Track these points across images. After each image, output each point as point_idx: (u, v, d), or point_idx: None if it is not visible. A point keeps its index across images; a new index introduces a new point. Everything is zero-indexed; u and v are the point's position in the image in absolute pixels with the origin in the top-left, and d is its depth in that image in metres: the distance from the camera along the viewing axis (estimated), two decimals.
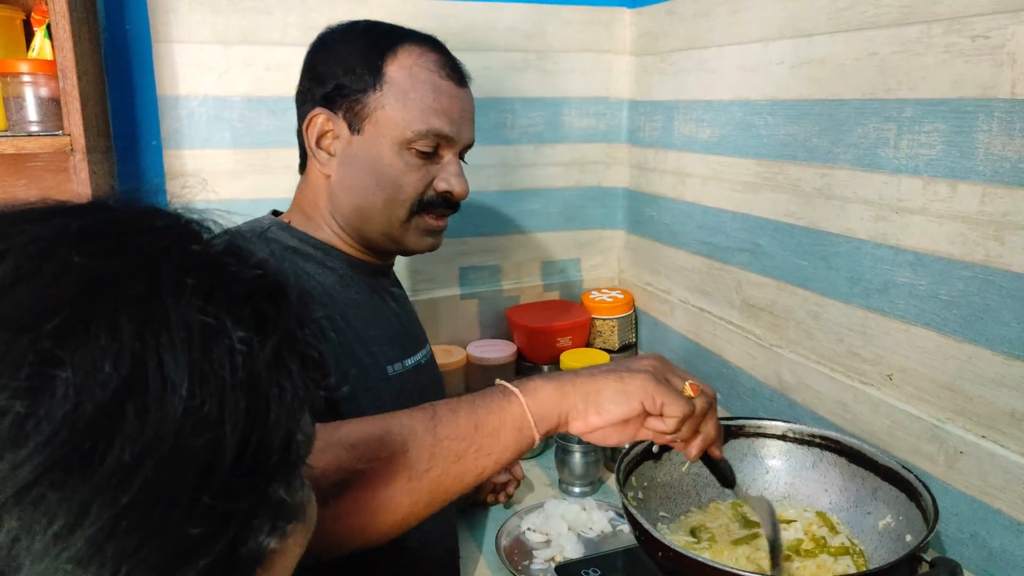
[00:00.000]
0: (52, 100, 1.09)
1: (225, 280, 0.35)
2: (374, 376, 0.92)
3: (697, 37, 1.39)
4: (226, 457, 0.32)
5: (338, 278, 0.93)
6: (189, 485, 0.31)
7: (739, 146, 1.29)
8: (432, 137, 0.92)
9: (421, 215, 0.95)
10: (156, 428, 0.30)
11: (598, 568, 1.00)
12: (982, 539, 0.88)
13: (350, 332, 0.91)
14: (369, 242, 0.97)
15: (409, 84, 0.91)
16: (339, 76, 0.92)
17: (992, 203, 0.85)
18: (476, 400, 0.68)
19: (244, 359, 0.33)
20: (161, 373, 0.31)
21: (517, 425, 0.67)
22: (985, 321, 0.87)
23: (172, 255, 0.34)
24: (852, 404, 1.06)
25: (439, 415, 0.66)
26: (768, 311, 1.24)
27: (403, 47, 0.93)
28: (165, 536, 0.30)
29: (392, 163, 0.92)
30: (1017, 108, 0.81)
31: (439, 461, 0.65)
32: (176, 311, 0.32)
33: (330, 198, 0.95)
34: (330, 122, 0.93)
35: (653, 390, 0.68)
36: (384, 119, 0.91)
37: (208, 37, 1.33)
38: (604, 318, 1.62)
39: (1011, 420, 0.85)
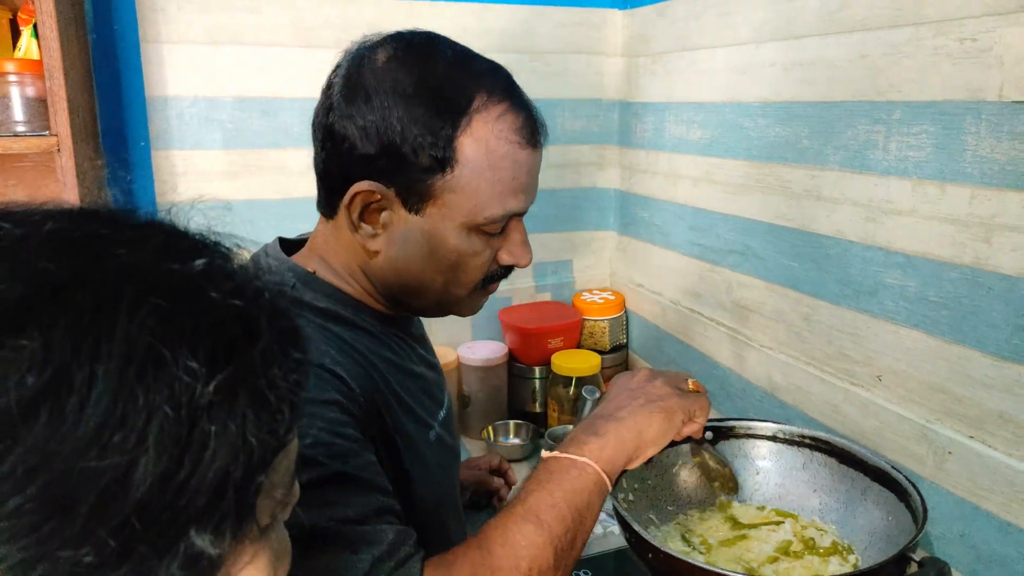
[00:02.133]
0: (39, 100, 1.08)
1: (192, 305, 0.33)
2: (422, 446, 0.85)
3: (688, 39, 1.39)
4: (136, 489, 0.30)
5: (371, 339, 0.82)
6: (85, 509, 0.29)
7: (730, 148, 1.29)
8: (506, 220, 0.80)
9: (482, 289, 0.85)
10: (63, 440, 0.29)
11: (589, 569, 1.00)
12: (970, 539, 0.88)
13: (392, 397, 0.81)
14: (415, 313, 0.89)
15: (486, 163, 0.75)
16: (394, 143, 0.72)
17: (981, 205, 0.85)
18: (564, 485, 0.71)
19: (185, 390, 0.31)
20: (87, 387, 0.30)
21: (599, 490, 0.74)
22: (974, 322, 0.87)
23: (142, 271, 0.33)
24: (842, 405, 1.06)
25: (545, 519, 0.69)
26: (758, 312, 1.25)
27: (479, 113, 0.75)
28: (48, 554, 0.30)
29: (457, 248, 0.78)
30: (1005, 110, 0.81)
31: (562, 559, 0.70)
32: (124, 328, 0.31)
33: (372, 270, 0.81)
34: (378, 194, 0.75)
35: (685, 403, 0.78)
36: (452, 203, 0.75)
37: (197, 37, 1.33)
38: (595, 319, 1.62)
39: (1000, 421, 0.85)
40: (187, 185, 1.37)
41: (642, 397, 0.78)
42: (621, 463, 0.75)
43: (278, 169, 1.42)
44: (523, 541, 0.67)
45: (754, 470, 1.03)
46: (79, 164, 1.08)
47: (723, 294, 1.34)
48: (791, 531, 0.96)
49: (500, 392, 1.54)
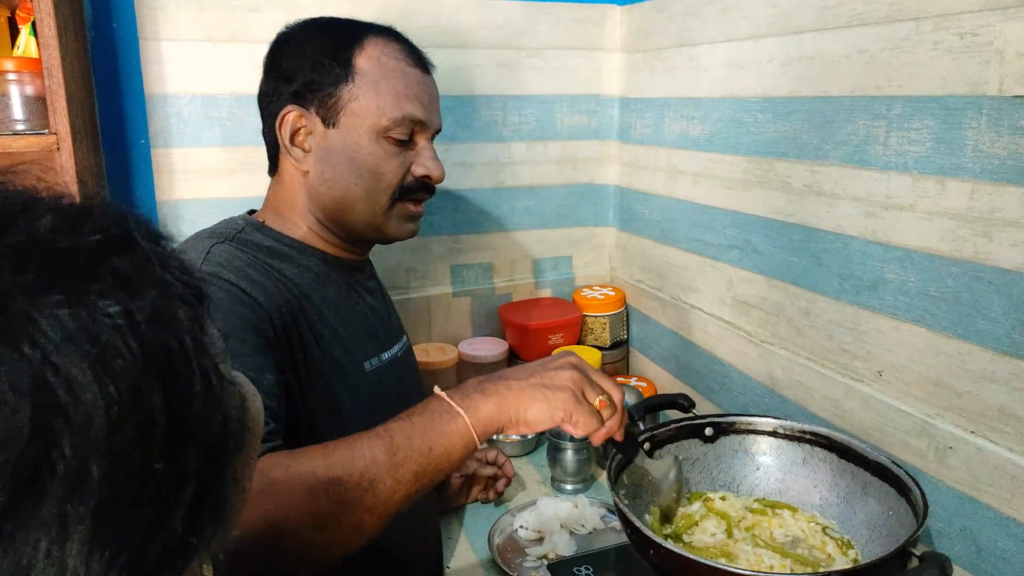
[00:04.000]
0: (38, 98, 1.08)
1: (65, 260, 0.31)
2: (352, 374, 0.94)
3: (687, 34, 1.39)
4: (160, 428, 0.31)
5: (314, 276, 0.95)
6: (138, 458, 0.30)
7: (729, 143, 1.29)
8: (407, 123, 0.94)
9: (401, 202, 0.97)
10: (89, 433, 0.29)
11: (590, 565, 1.00)
12: (971, 533, 0.88)
13: (328, 331, 0.92)
14: (350, 234, 0.99)
15: (379, 73, 0.93)
16: (307, 72, 0.93)
17: (981, 200, 0.85)
18: (426, 422, 0.75)
19: (129, 328, 0.30)
20: (67, 383, 0.29)
21: (464, 441, 0.76)
22: (974, 317, 0.88)
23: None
24: (842, 400, 1.06)
25: (396, 443, 0.73)
26: (759, 308, 1.25)
27: (368, 39, 0.94)
28: (142, 528, 0.31)
29: (371, 152, 0.94)
30: (1005, 105, 0.81)
31: (400, 486, 0.72)
32: (39, 313, 0.29)
33: (308, 194, 0.96)
34: (303, 118, 0.94)
35: (572, 408, 0.78)
36: (358, 110, 0.93)
37: (196, 35, 1.33)
38: (596, 315, 1.62)
39: (1000, 415, 0.85)
40: (186, 183, 1.37)
41: (541, 378, 0.80)
42: (493, 427, 0.77)
43: None
44: (368, 452, 0.72)
45: (755, 465, 1.03)
46: (79, 162, 1.08)
47: (723, 289, 1.34)
48: (792, 522, 0.96)
49: None
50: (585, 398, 0.80)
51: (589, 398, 0.81)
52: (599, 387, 0.82)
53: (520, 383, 0.79)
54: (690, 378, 1.45)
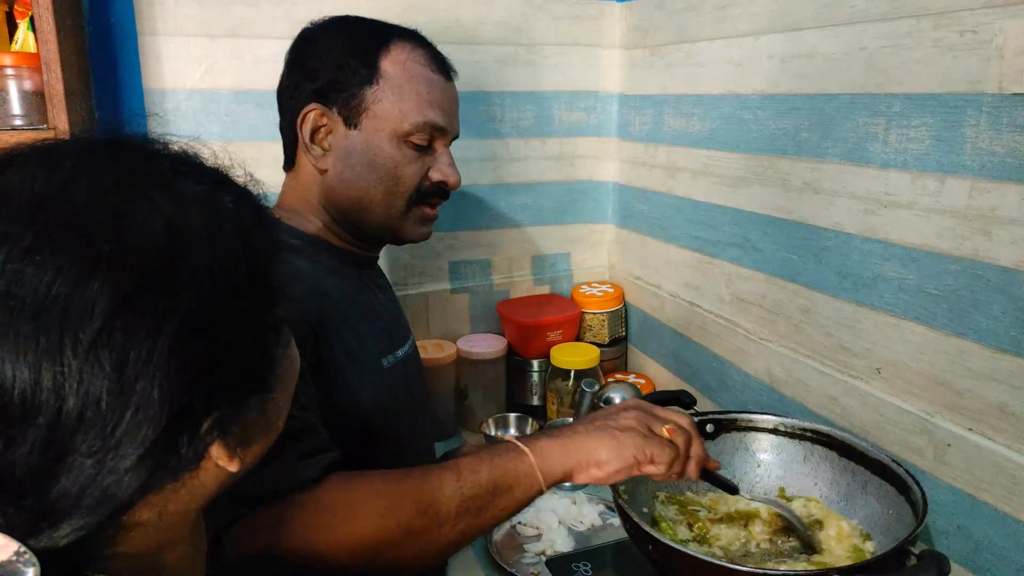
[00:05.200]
0: (36, 94, 1.08)
1: (203, 172, 0.49)
2: (371, 369, 0.94)
3: (686, 31, 1.39)
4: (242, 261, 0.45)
5: (328, 272, 0.95)
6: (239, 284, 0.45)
7: (729, 140, 1.29)
8: (428, 129, 0.95)
9: (418, 206, 0.98)
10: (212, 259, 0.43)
11: (588, 561, 1.01)
12: (969, 531, 0.89)
13: (346, 327, 0.92)
14: (365, 234, 1.00)
15: (404, 78, 0.94)
16: (332, 71, 0.93)
17: (980, 197, 0.85)
18: (494, 459, 0.76)
19: (234, 214, 0.46)
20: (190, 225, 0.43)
21: (528, 482, 0.76)
22: (973, 315, 0.88)
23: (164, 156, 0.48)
24: (841, 398, 1.07)
25: (464, 477, 0.74)
26: (758, 305, 1.25)
27: (395, 42, 0.95)
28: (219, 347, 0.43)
29: (391, 155, 0.94)
30: (1005, 103, 0.81)
31: (463, 518, 0.73)
32: (178, 184, 0.44)
33: (325, 192, 0.96)
34: (324, 117, 0.94)
35: (642, 444, 0.78)
36: (381, 113, 0.93)
37: (194, 30, 1.32)
38: (594, 312, 1.62)
39: (999, 413, 0.86)
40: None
41: (607, 421, 0.81)
42: (559, 469, 0.77)
43: (275, 161, 1.41)
44: (436, 483, 0.73)
45: (755, 463, 1.04)
46: None
47: (722, 287, 1.34)
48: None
49: (499, 385, 1.54)
50: (652, 432, 0.80)
51: (656, 430, 0.81)
52: (663, 419, 0.82)
53: (585, 427, 0.80)
54: (688, 375, 1.46)
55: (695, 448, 0.82)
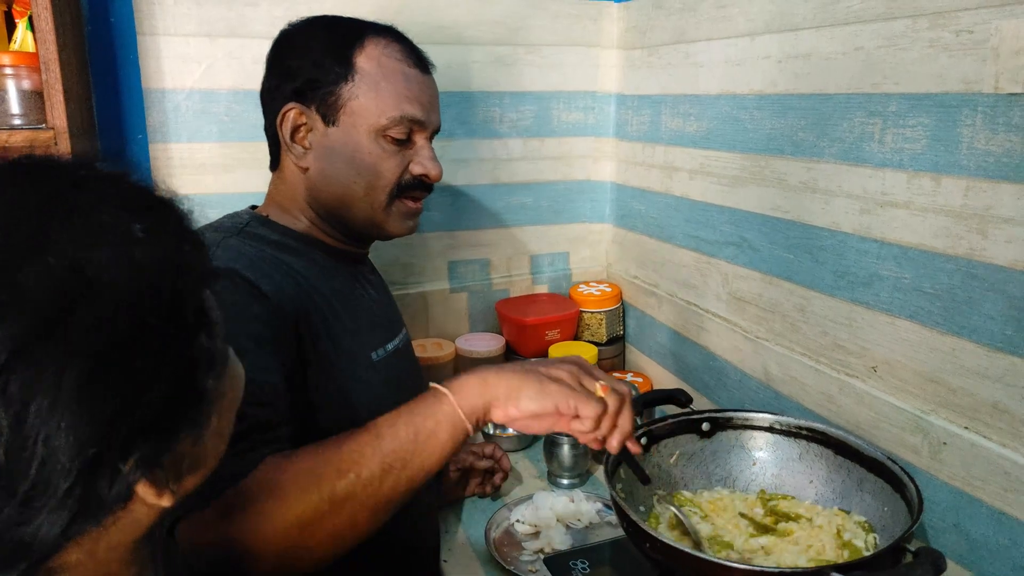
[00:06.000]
0: (35, 93, 1.08)
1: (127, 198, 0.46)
2: (362, 364, 0.95)
3: (684, 31, 1.39)
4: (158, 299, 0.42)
5: (320, 269, 0.95)
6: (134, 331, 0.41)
7: (726, 140, 1.29)
8: (406, 123, 0.95)
9: (400, 199, 0.99)
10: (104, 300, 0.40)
11: (586, 559, 1.01)
12: (964, 529, 0.89)
13: (337, 322, 0.93)
14: (350, 230, 1.00)
15: (380, 74, 0.95)
16: (309, 70, 0.94)
17: (976, 197, 0.86)
18: (412, 408, 0.75)
19: (148, 242, 0.43)
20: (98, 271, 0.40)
21: (451, 422, 0.74)
22: (968, 314, 0.88)
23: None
24: (837, 396, 1.07)
25: (382, 432, 0.73)
26: (754, 304, 1.25)
27: (369, 38, 0.96)
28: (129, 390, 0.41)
29: (369, 151, 0.95)
30: (1000, 103, 0.82)
31: (389, 474, 0.72)
32: (96, 216, 0.42)
33: (309, 190, 0.97)
34: (303, 116, 0.95)
35: (568, 394, 0.75)
36: (358, 109, 0.94)
37: (194, 30, 1.32)
38: (592, 311, 1.62)
39: (993, 411, 0.86)
40: (184, 178, 1.37)
41: (537, 367, 0.78)
42: (479, 404, 0.75)
43: None
44: (353, 446, 0.72)
45: (751, 460, 1.04)
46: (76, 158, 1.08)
47: (719, 286, 1.35)
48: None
49: None
50: (583, 386, 0.77)
51: (588, 386, 0.78)
52: (599, 377, 0.79)
53: (512, 368, 0.78)
54: (686, 374, 1.46)
55: (624, 418, 0.79)
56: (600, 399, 0.77)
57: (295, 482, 0.70)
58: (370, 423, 0.75)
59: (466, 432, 0.75)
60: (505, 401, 0.75)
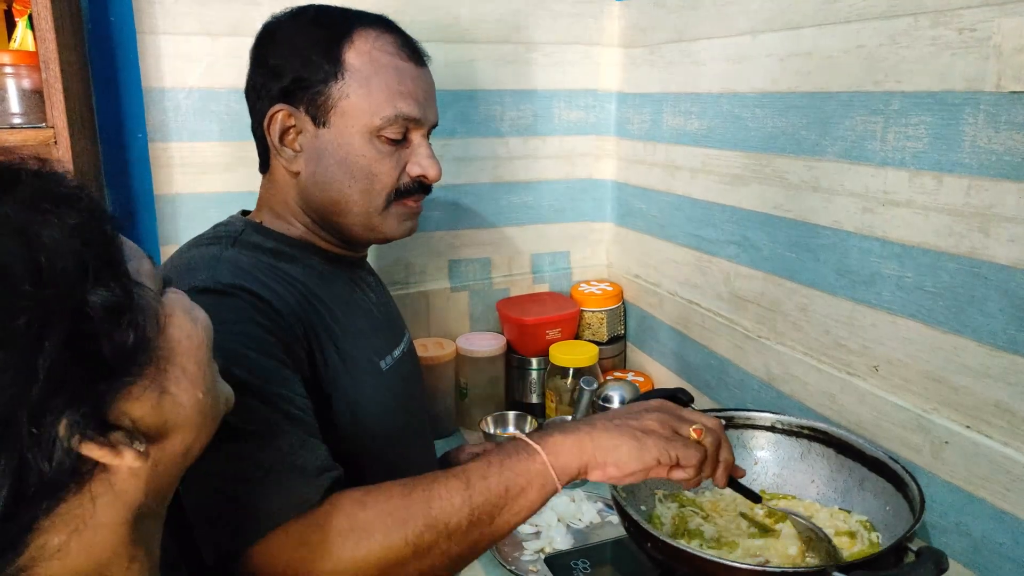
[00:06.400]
0: (35, 92, 1.08)
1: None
2: (370, 372, 0.91)
3: (685, 29, 1.39)
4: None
5: (319, 275, 0.92)
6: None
7: (727, 139, 1.29)
8: (401, 122, 0.90)
9: (398, 202, 0.93)
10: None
11: (587, 559, 1.01)
12: (966, 528, 0.89)
13: (341, 331, 0.89)
14: (346, 235, 0.95)
15: (371, 70, 0.89)
16: (296, 68, 0.88)
17: (978, 195, 0.85)
18: (504, 461, 0.72)
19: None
20: None
21: (541, 482, 0.72)
22: (970, 312, 0.88)
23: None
24: (839, 395, 1.07)
25: (473, 484, 0.71)
26: (756, 303, 1.25)
27: (358, 32, 0.90)
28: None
29: (363, 153, 0.90)
30: (1003, 101, 0.82)
31: (476, 527, 0.70)
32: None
33: (301, 195, 0.93)
34: (292, 117, 0.89)
35: (666, 446, 0.73)
36: (350, 109, 0.88)
37: (194, 28, 1.32)
38: (593, 310, 1.62)
39: (996, 410, 0.86)
40: (184, 177, 1.37)
41: (627, 420, 0.76)
42: (574, 466, 0.73)
43: None
44: (444, 493, 0.70)
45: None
46: (76, 156, 1.08)
47: (721, 285, 1.34)
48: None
49: (498, 383, 1.54)
50: (677, 433, 0.76)
51: (682, 432, 0.76)
52: (689, 420, 0.78)
53: (604, 423, 0.76)
54: (687, 373, 1.46)
55: (724, 452, 0.78)
56: (697, 443, 0.75)
57: (381, 523, 0.68)
58: (459, 469, 0.72)
59: (555, 492, 0.73)
60: (603, 463, 0.73)
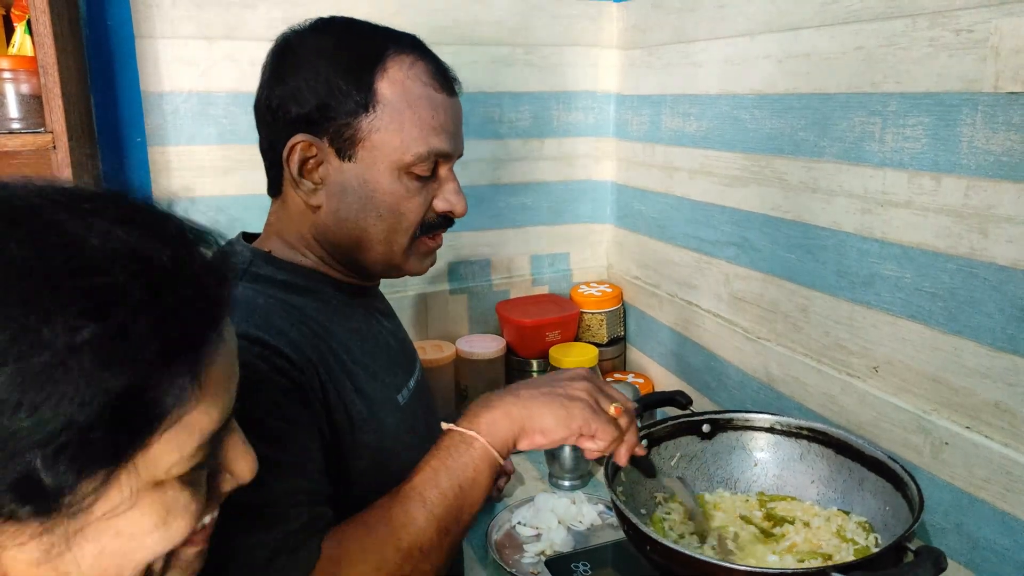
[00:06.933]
0: (34, 97, 1.08)
1: (78, 270, 0.40)
2: (389, 408, 0.88)
3: (683, 31, 1.39)
4: None
5: (333, 309, 0.87)
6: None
7: (726, 140, 1.29)
8: (432, 158, 0.85)
9: (420, 238, 0.89)
10: None
11: (587, 561, 1.01)
12: (966, 529, 0.89)
13: (359, 368, 0.85)
14: (365, 271, 0.91)
15: (404, 103, 0.82)
16: (320, 95, 0.81)
17: (976, 196, 0.85)
18: (446, 463, 0.74)
19: (48, 339, 0.38)
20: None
21: (487, 463, 0.75)
22: (969, 313, 0.88)
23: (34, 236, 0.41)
24: (839, 396, 1.07)
25: (428, 497, 0.73)
26: (755, 304, 1.25)
27: (392, 58, 0.83)
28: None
29: (391, 190, 0.84)
30: (1000, 102, 0.82)
31: (446, 535, 0.73)
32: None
33: (319, 228, 0.87)
34: (313, 148, 0.83)
35: (590, 417, 0.77)
36: (379, 143, 0.82)
37: (191, 32, 1.32)
38: (593, 312, 1.62)
39: (995, 411, 0.86)
40: (183, 181, 1.37)
41: (553, 388, 0.79)
42: (510, 439, 0.76)
43: None
44: (404, 519, 0.71)
45: (752, 461, 1.04)
46: (75, 161, 1.08)
47: (720, 286, 1.34)
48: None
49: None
50: (600, 407, 0.79)
51: (604, 406, 0.80)
52: (612, 397, 0.81)
53: (530, 392, 0.78)
54: (687, 375, 1.46)
55: (631, 434, 0.82)
56: (615, 420, 0.80)
57: (358, 569, 0.69)
58: (407, 487, 0.73)
59: (498, 466, 0.76)
60: (530, 432, 0.76)
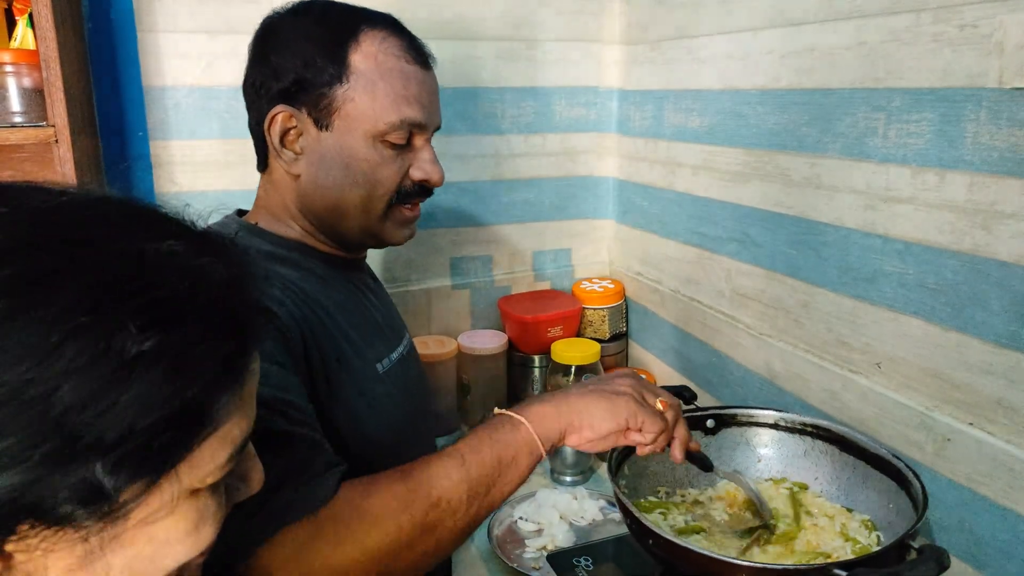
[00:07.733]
0: (35, 91, 1.08)
1: (144, 279, 0.41)
2: (368, 377, 0.92)
3: (686, 26, 1.38)
4: (54, 407, 0.37)
5: (318, 279, 0.91)
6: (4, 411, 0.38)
7: (729, 135, 1.29)
8: (405, 127, 0.89)
9: (397, 207, 0.93)
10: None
11: (589, 556, 1.01)
12: (969, 526, 0.89)
13: (339, 335, 0.89)
14: (345, 239, 0.95)
15: (377, 73, 0.87)
16: (298, 69, 0.87)
17: (980, 192, 0.85)
18: (492, 435, 0.77)
19: (115, 347, 0.39)
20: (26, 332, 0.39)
21: (529, 450, 0.77)
22: (973, 309, 0.88)
23: (108, 246, 0.42)
24: (841, 392, 1.07)
25: (468, 460, 0.75)
26: (758, 300, 1.25)
27: (364, 33, 0.88)
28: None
29: (366, 157, 0.89)
30: (1005, 97, 0.81)
31: (475, 500, 0.74)
32: (73, 291, 0.39)
33: (300, 197, 0.92)
34: (293, 119, 0.88)
35: (636, 409, 0.79)
36: (354, 112, 0.87)
37: (194, 26, 1.32)
38: (595, 308, 1.62)
39: (998, 407, 0.86)
40: (185, 175, 1.37)
41: (600, 386, 0.82)
42: (556, 432, 0.78)
43: None
44: (440, 472, 0.73)
45: (755, 457, 1.04)
46: (77, 155, 1.08)
47: (722, 282, 1.34)
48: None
49: (500, 381, 1.54)
50: (646, 401, 0.81)
51: (650, 401, 0.82)
52: (656, 392, 0.84)
53: (579, 391, 0.81)
54: (689, 371, 1.46)
55: (681, 428, 0.84)
56: (661, 414, 0.82)
57: (387, 508, 0.71)
58: (452, 448, 0.76)
59: (541, 457, 0.78)
60: (579, 427, 0.79)
